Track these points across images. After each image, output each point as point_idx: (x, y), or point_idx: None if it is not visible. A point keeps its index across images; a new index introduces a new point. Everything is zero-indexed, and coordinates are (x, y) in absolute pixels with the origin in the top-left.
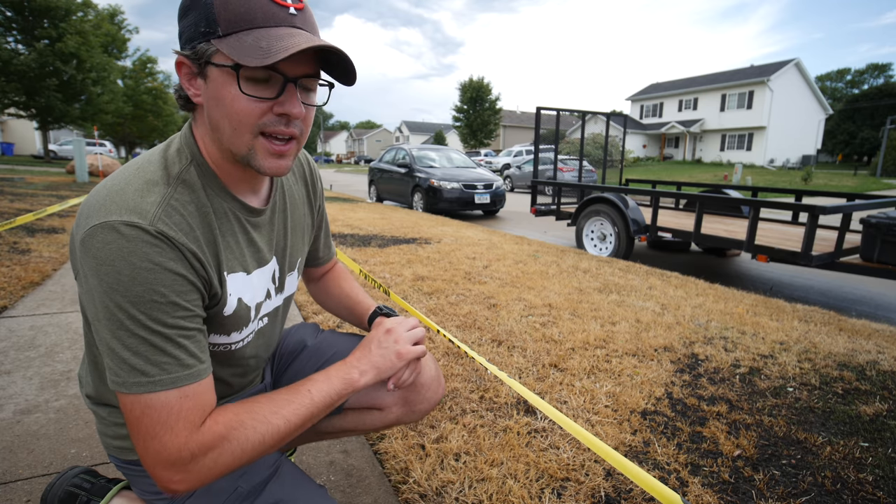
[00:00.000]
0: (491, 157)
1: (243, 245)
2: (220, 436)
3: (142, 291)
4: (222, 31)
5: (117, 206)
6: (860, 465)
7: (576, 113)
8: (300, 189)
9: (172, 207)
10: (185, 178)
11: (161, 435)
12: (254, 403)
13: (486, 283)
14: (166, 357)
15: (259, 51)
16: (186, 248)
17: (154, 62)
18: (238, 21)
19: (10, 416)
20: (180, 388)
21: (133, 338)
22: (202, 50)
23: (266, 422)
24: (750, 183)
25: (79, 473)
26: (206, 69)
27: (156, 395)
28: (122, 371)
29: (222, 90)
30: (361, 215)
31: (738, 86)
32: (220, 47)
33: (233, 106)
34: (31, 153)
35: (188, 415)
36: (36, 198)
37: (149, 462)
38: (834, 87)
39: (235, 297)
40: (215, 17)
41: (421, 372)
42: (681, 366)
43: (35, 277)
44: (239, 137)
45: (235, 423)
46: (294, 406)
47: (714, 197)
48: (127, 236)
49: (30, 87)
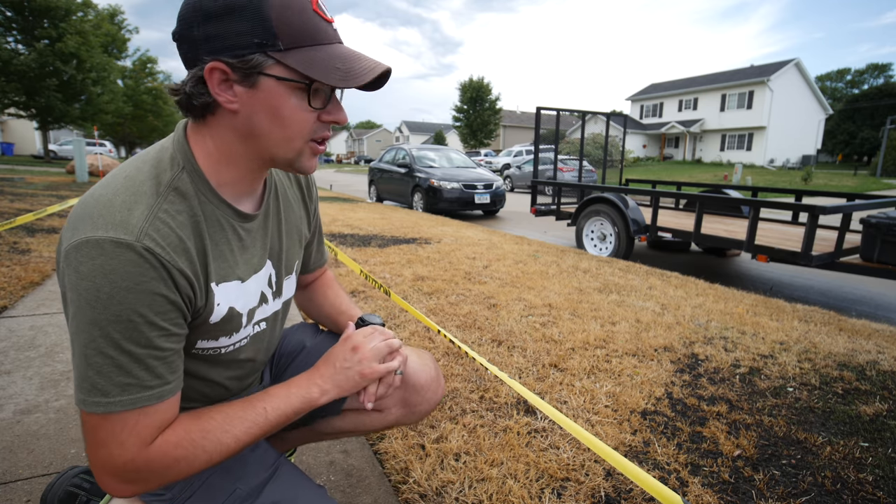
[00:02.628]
0: (491, 157)
1: (237, 252)
2: (168, 456)
3: (119, 311)
4: (284, 46)
5: (104, 220)
6: (860, 465)
7: (576, 113)
8: (295, 191)
9: (161, 220)
10: (177, 186)
11: (110, 446)
12: (207, 420)
13: (486, 283)
14: (130, 378)
15: (338, 71)
16: (173, 265)
17: (154, 62)
18: (299, 37)
19: (10, 416)
20: (140, 408)
21: (100, 356)
22: (256, 61)
23: (216, 441)
24: (750, 183)
25: (78, 473)
26: (255, 79)
27: (113, 414)
28: (84, 388)
29: (279, 101)
30: (361, 215)
31: (738, 86)
32: (285, 61)
33: (292, 117)
34: (31, 153)
35: (141, 431)
36: (36, 198)
37: (95, 467)
38: (834, 87)
39: (225, 305)
40: (274, 30)
41: (420, 373)
42: (681, 366)
43: (35, 277)
44: (290, 144)
45: (186, 442)
46: (247, 424)
47: (714, 197)
48: (111, 254)
49: (30, 87)
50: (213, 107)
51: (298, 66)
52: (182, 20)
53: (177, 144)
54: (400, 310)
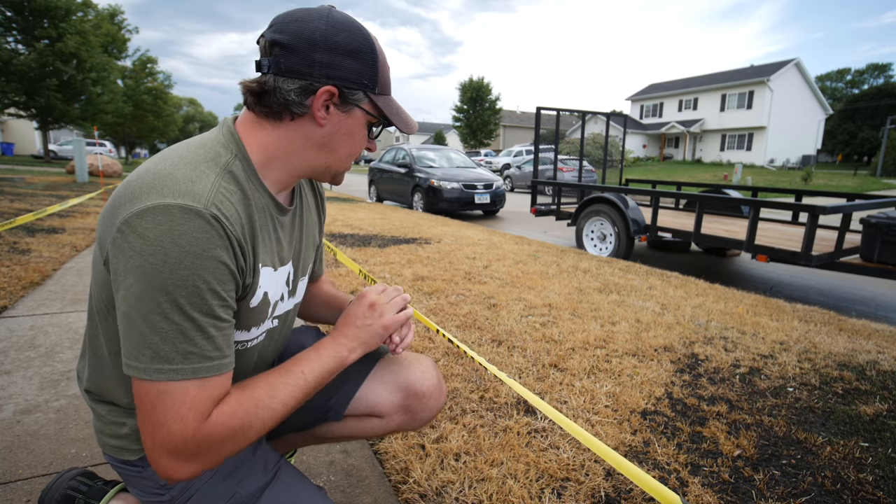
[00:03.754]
0: (491, 157)
1: (274, 241)
2: (227, 428)
3: (186, 275)
4: (377, 91)
5: (170, 188)
6: (860, 465)
7: (576, 113)
8: (310, 197)
9: (222, 194)
10: (232, 170)
11: (170, 423)
12: (254, 390)
13: (486, 283)
14: (192, 346)
15: (402, 120)
16: (234, 235)
17: (154, 62)
18: (385, 88)
19: (10, 416)
20: (200, 378)
21: (166, 322)
22: (359, 96)
23: (267, 408)
24: (750, 183)
25: (76, 476)
26: (351, 108)
27: (176, 383)
28: (145, 356)
29: (356, 128)
30: (361, 215)
31: (738, 86)
32: (377, 102)
33: (360, 142)
34: (31, 153)
35: (200, 405)
36: (36, 198)
37: (154, 449)
38: (834, 87)
39: (262, 290)
40: (377, 77)
41: (423, 380)
42: (681, 366)
43: (35, 277)
44: (347, 161)
45: (241, 412)
46: (290, 389)
47: (714, 197)
48: (180, 219)
49: (30, 87)
50: (296, 114)
51: (384, 108)
52: (304, 39)
53: (227, 136)
54: None
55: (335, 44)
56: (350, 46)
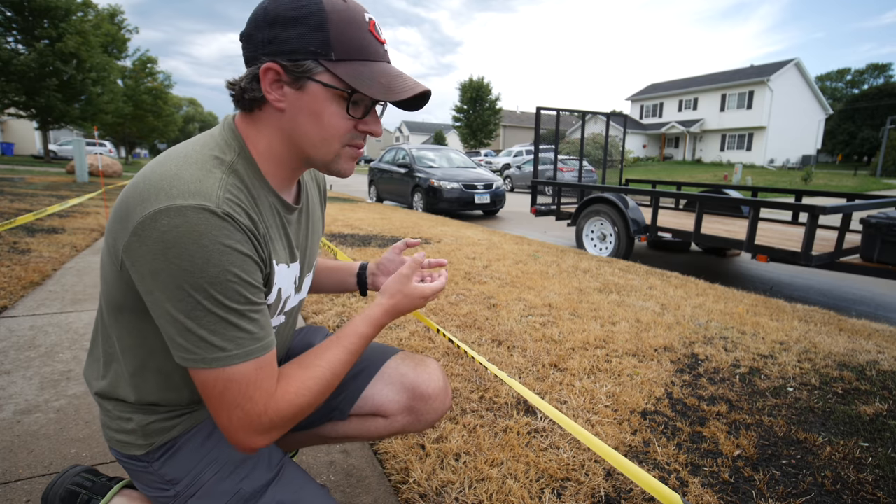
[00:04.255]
0: (491, 157)
1: (283, 239)
2: (293, 405)
3: (216, 272)
4: (336, 57)
5: (178, 189)
6: (860, 465)
7: (576, 113)
8: (315, 193)
9: (230, 192)
10: (236, 169)
11: (244, 404)
12: (314, 368)
13: (486, 283)
14: (241, 332)
15: (381, 86)
16: (249, 229)
17: (154, 62)
18: (352, 51)
19: (10, 416)
20: (255, 359)
21: (210, 315)
22: (308, 66)
23: (323, 381)
24: (750, 183)
25: (80, 472)
26: (304, 83)
27: (235, 367)
28: (200, 349)
29: (321, 106)
30: (361, 215)
31: (738, 86)
32: (335, 71)
33: (330, 122)
34: (31, 153)
35: (263, 384)
36: (36, 198)
37: (233, 430)
38: (834, 87)
39: (277, 286)
40: (330, 42)
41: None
42: (681, 366)
43: (35, 277)
44: (328, 146)
45: (304, 390)
46: (343, 363)
47: (714, 197)
48: (195, 219)
49: (30, 87)
50: (261, 103)
51: (345, 76)
52: (251, 22)
53: (229, 133)
54: None
55: (274, 17)
56: (289, 14)
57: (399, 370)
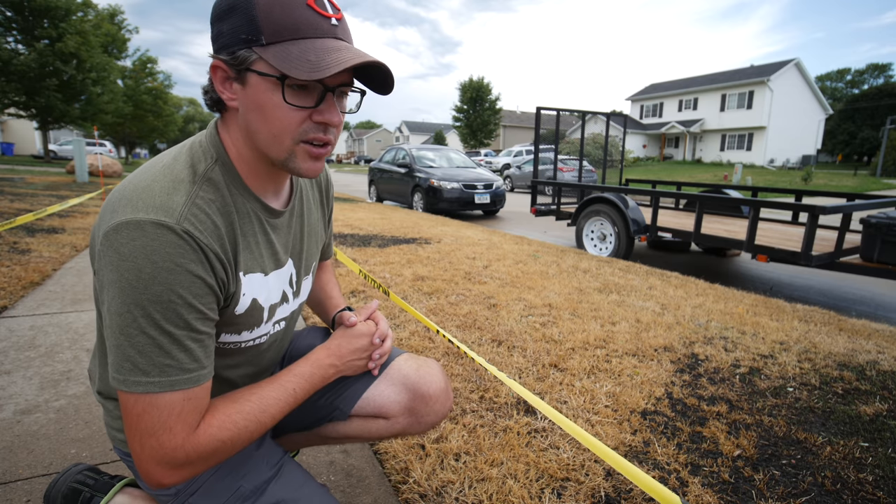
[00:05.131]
0: (491, 157)
1: (262, 246)
2: (215, 439)
3: (160, 291)
4: (266, 40)
5: (144, 203)
6: (860, 465)
7: (576, 113)
8: (314, 194)
9: (198, 206)
10: (211, 177)
11: (159, 434)
12: (245, 403)
13: (486, 283)
14: (170, 359)
15: (308, 63)
16: (210, 248)
17: (154, 62)
18: (282, 31)
19: (10, 416)
20: (183, 390)
21: (142, 336)
22: (242, 56)
23: (256, 421)
24: (750, 183)
25: (82, 470)
26: (245, 75)
27: (160, 395)
28: (124, 369)
29: (263, 98)
30: (361, 215)
31: (737, 86)
32: (265, 56)
33: (274, 114)
34: (31, 153)
35: (187, 417)
36: (36, 198)
37: (143, 458)
38: (834, 87)
39: (250, 297)
40: (259, 25)
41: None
42: (681, 366)
43: (35, 277)
44: (279, 143)
45: (229, 424)
46: (280, 405)
47: (714, 197)
48: (152, 235)
49: (30, 87)
50: (219, 103)
51: (273, 59)
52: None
53: (209, 138)
54: (399, 310)
55: (215, 13)
56: (224, 6)
57: (402, 371)
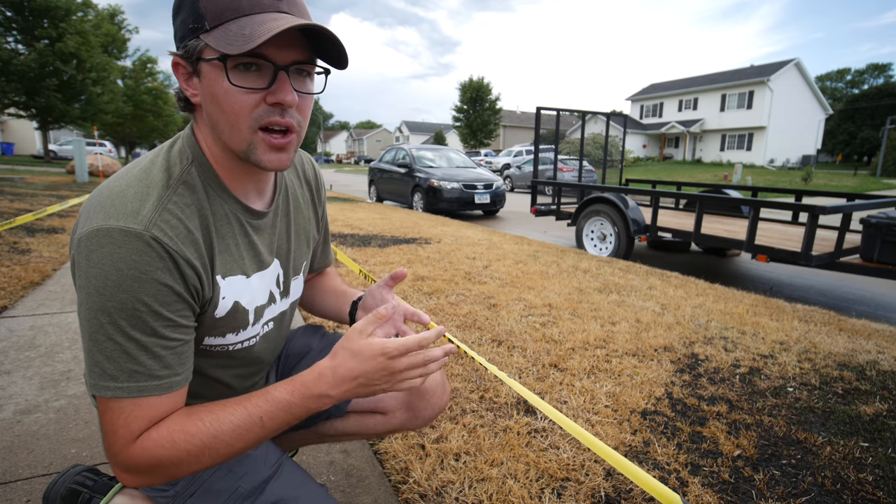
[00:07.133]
0: (491, 157)
1: (243, 248)
2: (149, 454)
3: (125, 299)
4: (209, 25)
5: (116, 209)
6: (860, 465)
7: (576, 113)
8: (304, 193)
9: (170, 212)
10: (186, 180)
11: (108, 436)
12: (195, 422)
13: (486, 283)
14: (138, 366)
15: (241, 38)
16: (180, 255)
17: (154, 62)
18: (224, 12)
19: (10, 416)
20: (143, 397)
21: (109, 342)
22: (192, 47)
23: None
24: (750, 183)
25: (81, 471)
26: (198, 66)
27: (120, 400)
28: (94, 373)
29: (214, 85)
30: (361, 215)
31: (738, 86)
32: (208, 41)
33: (226, 99)
34: (31, 153)
35: (131, 424)
36: (36, 198)
37: (108, 457)
38: (834, 87)
39: (231, 299)
40: (202, 11)
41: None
42: (681, 366)
43: (35, 277)
44: (237, 133)
45: (167, 442)
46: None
47: (714, 197)
48: (119, 242)
49: (30, 87)
50: (187, 102)
51: (213, 42)
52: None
53: (186, 139)
54: None
55: (173, 12)
56: (176, 3)
57: None
